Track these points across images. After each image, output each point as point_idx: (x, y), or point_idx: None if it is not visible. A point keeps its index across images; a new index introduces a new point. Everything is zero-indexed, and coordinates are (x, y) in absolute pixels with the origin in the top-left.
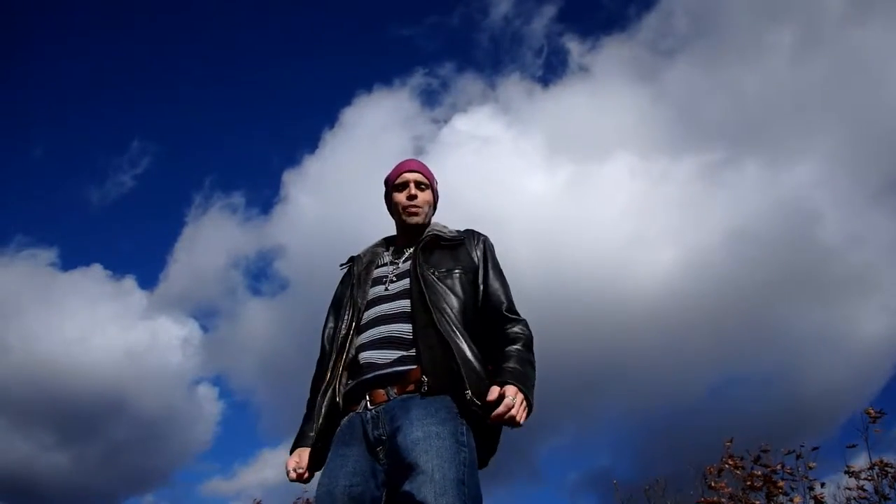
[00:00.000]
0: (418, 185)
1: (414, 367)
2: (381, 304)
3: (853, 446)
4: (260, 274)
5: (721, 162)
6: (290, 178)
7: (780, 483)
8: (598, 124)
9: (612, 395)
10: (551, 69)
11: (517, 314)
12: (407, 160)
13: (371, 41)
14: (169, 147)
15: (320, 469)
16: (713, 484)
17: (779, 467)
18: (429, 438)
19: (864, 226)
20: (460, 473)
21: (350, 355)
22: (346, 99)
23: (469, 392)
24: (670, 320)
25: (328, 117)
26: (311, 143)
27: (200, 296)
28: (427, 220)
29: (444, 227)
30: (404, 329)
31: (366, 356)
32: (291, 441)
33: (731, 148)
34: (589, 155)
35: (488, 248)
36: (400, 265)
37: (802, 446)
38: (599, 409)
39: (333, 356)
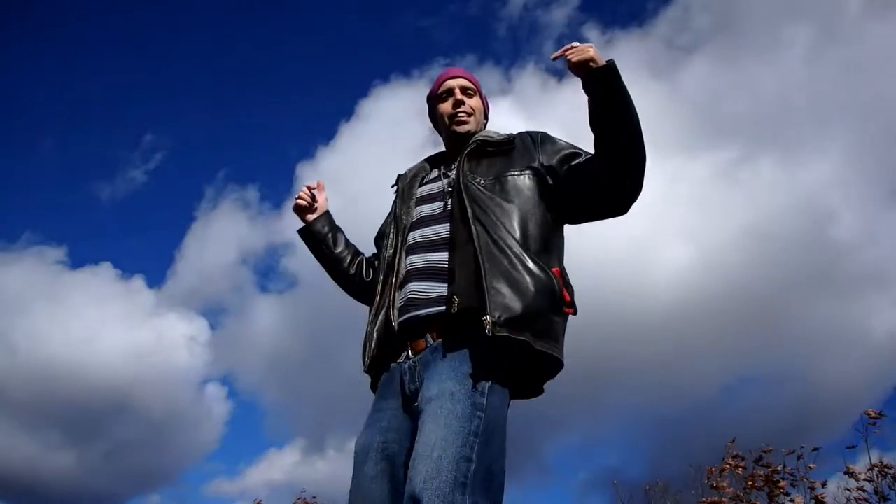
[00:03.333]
0: (464, 90)
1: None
2: (422, 227)
3: (852, 447)
4: (268, 271)
5: (736, 160)
6: (303, 171)
7: (782, 483)
8: None
9: (623, 394)
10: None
11: None
12: (449, 68)
13: (388, 31)
14: (182, 141)
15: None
16: (715, 484)
17: (780, 468)
18: (441, 399)
19: (879, 224)
20: (465, 449)
21: (399, 278)
22: (363, 90)
23: (488, 318)
24: (683, 319)
25: (345, 109)
26: (327, 134)
27: (209, 293)
28: (479, 128)
29: (495, 132)
30: (443, 258)
31: (407, 289)
32: (297, 442)
33: (747, 146)
34: None
35: (547, 138)
36: (449, 178)
37: (803, 447)
38: (611, 408)
39: (381, 278)
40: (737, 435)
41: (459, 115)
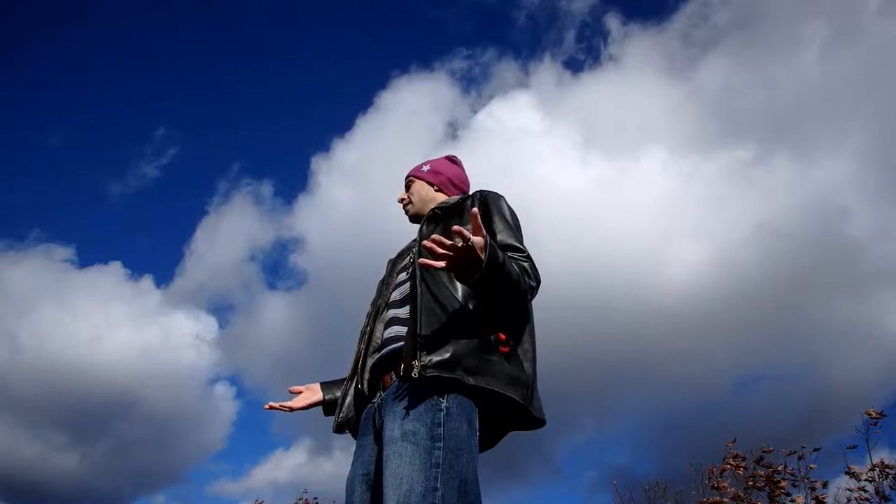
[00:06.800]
0: (405, 187)
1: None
2: (396, 289)
3: (853, 447)
4: (277, 267)
5: (751, 158)
6: (318, 164)
7: (783, 483)
8: (629, 118)
9: (635, 391)
10: (589, 52)
11: (521, 250)
12: None
13: (408, 22)
14: (196, 135)
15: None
16: (716, 484)
17: (781, 468)
18: (404, 439)
19: (893, 221)
20: (430, 480)
21: (374, 346)
22: (382, 82)
23: (416, 362)
24: (697, 316)
25: (363, 101)
26: (343, 127)
27: (217, 290)
28: (428, 202)
29: (453, 198)
30: (405, 310)
31: (378, 339)
32: (304, 442)
33: (762, 144)
34: (619, 149)
35: (490, 201)
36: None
37: (804, 447)
38: (621, 406)
39: (357, 347)
40: (748, 433)
41: (402, 206)
